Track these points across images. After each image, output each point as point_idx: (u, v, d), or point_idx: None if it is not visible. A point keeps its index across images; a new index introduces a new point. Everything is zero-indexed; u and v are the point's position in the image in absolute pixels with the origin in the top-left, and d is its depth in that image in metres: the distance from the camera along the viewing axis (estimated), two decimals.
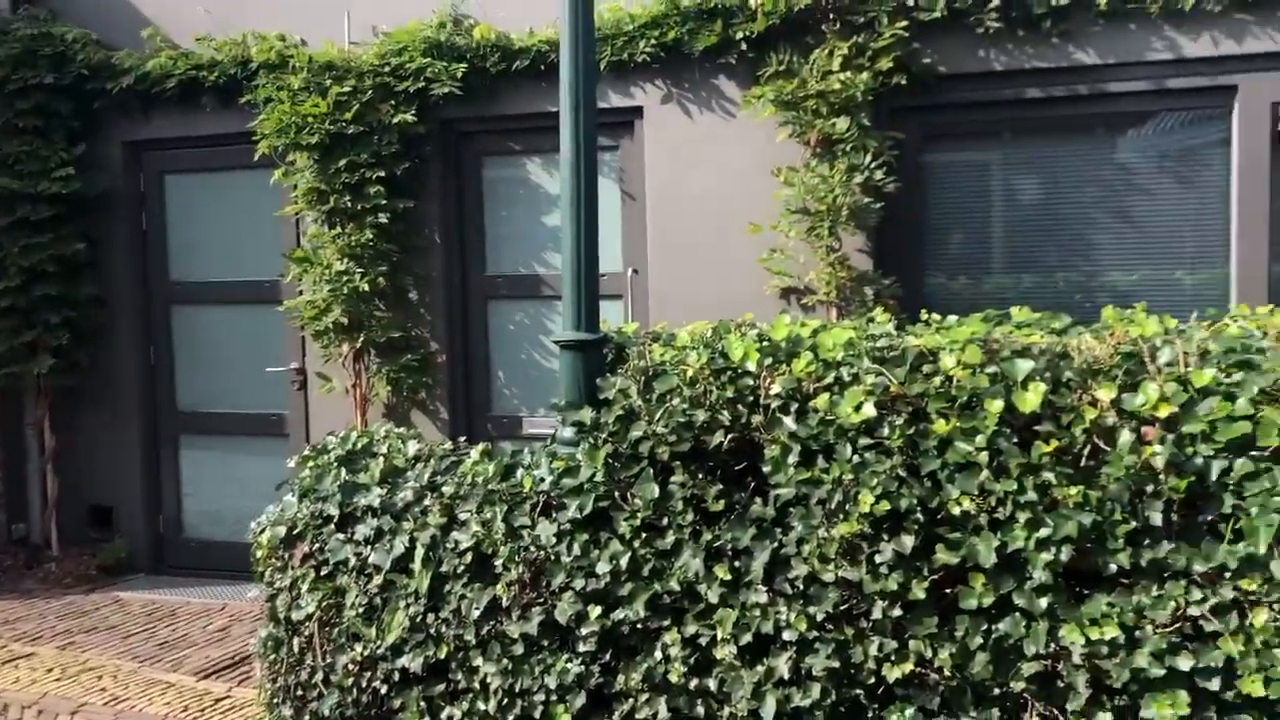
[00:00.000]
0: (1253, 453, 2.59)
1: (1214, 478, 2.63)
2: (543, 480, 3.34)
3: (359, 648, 3.51)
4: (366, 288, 5.50)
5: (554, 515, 3.30)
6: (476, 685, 3.35)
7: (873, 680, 2.93)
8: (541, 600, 3.30)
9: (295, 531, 3.66)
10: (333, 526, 3.61)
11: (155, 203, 6.56)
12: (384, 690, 3.49)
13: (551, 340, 3.55)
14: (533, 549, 3.29)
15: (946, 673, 2.84)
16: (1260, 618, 2.56)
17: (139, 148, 6.48)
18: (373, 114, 5.48)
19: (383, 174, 5.47)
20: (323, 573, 3.61)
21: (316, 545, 3.62)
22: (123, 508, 6.57)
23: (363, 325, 5.63)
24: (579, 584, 3.22)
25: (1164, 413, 2.65)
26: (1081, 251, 5.01)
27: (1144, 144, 4.92)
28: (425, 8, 5.62)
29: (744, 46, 5.02)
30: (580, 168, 3.48)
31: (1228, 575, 2.60)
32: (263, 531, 3.75)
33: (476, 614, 3.34)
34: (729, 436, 3.14)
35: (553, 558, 3.28)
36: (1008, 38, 4.82)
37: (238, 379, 6.46)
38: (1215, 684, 2.60)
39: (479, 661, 3.34)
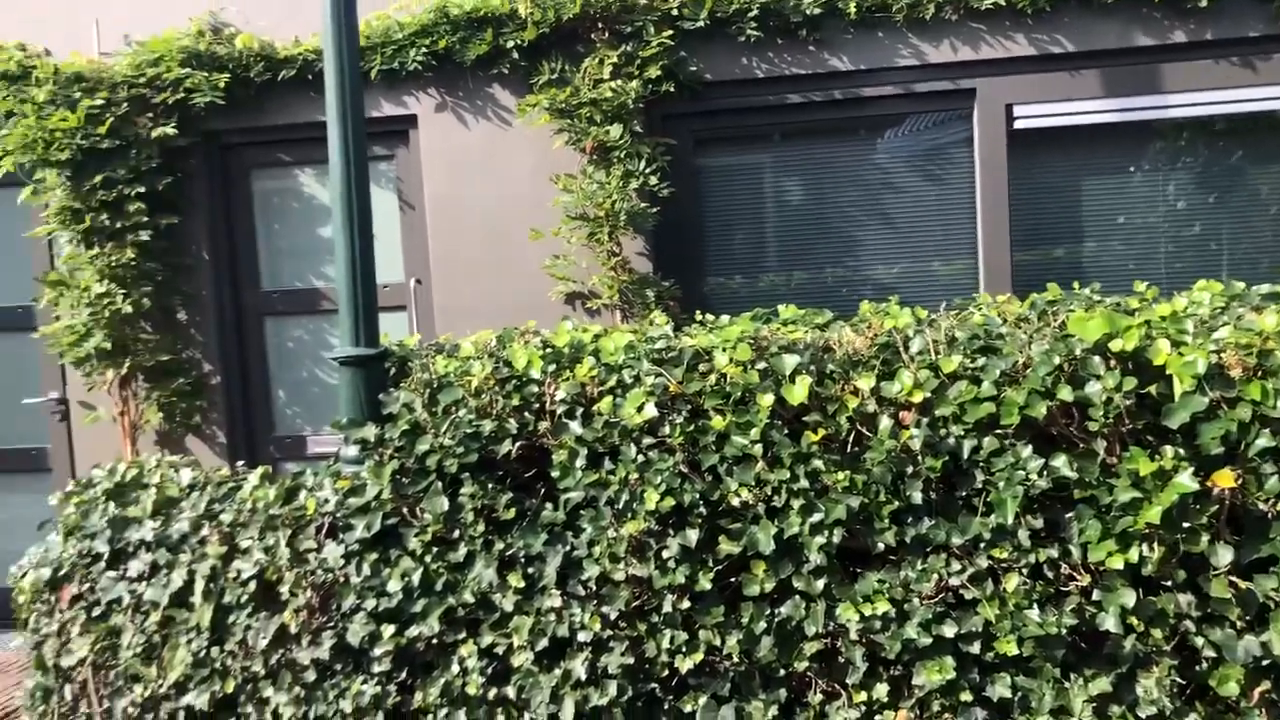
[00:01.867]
0: (997, 431, 2.82)
1: (965, 456, 2.84)
2: (327, 501, 3.27)
3: (139, 689, 3.33)
4: (130, 309, 5.20)
5: (341, 536, 3.23)
6: (269, 717, 3.25)
7: (666, 673, 3.02)
8: (332, 624, 3.23)
9: (61, 573, 3.44)
10: (103, 564, 3.42)
11: None
12: None
13: (329, 357, 3.47)
14: (320, 572, 3.21)
15: (735, 659, 2.96)
16: (1011, 583, 2.79)
17: None
18: (130, 127, 5.19)
19: (143, 189, 5.19)
20: (95, 614, 3.41)
21: (86, 585, 3.42)
22: None
23: (128, 349, 5.32)
24: (370, 604, 3.17)
25: (918, 398, 2.85)
26: (847, 248, 5.29)
27: (898, 145, 5.24)
28: (180, 16, 5.37)
29: (516, 55, 5.05)
30: (350, 178, 3.42)
31: (982, 546, 2.82)
32: (24, 575, 3.51)
33: (264, 643, 3.24)
34: (517, 444, 3.17)
35: (342, 580, 3.21)
36: (768, 45, 5.04)
37: None
38: (976, 647, 2.82)
39: (270, 692, 3.24)
